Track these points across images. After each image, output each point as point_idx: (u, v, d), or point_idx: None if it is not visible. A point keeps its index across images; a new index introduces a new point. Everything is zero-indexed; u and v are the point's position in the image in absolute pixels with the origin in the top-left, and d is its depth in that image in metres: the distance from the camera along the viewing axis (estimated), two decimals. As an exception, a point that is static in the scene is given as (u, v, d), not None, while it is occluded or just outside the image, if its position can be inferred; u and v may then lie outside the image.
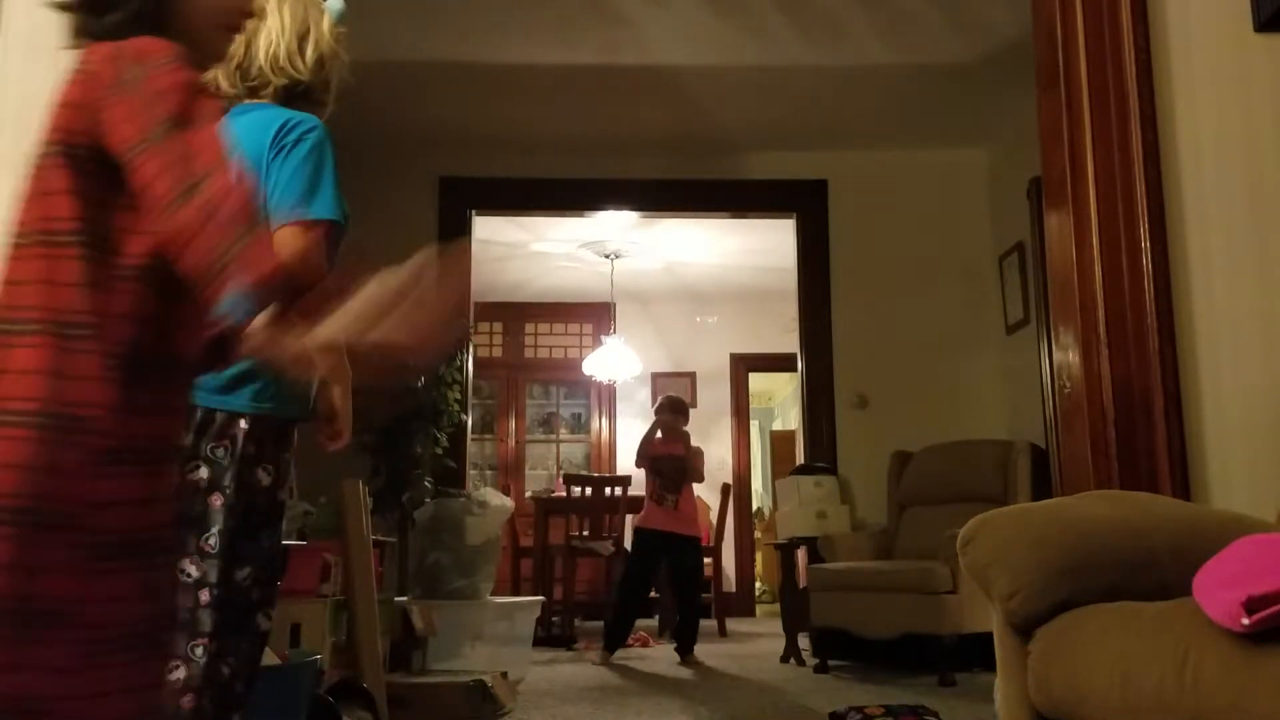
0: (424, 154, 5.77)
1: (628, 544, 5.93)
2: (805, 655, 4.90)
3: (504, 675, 3.78)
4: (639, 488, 5.67)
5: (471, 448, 6.52)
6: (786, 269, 6.24)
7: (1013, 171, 5.29)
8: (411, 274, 1.00)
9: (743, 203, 6.10)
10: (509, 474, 9.30)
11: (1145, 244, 2.25)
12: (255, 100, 1.87)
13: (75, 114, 1.15)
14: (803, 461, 5.69)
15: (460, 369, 5.55)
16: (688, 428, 5.65)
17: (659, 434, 5.53)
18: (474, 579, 4.34)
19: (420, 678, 3.67)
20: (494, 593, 4.55)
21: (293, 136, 1.78)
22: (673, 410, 5.60)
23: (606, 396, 9.39)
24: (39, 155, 1.17)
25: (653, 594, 6.24)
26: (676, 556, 5.34)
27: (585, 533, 6.27)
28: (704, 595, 7.15)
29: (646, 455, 5.50)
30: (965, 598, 4.04)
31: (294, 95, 1.88)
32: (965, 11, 4.42)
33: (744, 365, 9.14)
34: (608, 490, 6.32)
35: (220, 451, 1.75)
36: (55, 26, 2.41)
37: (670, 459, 5.42)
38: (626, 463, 9.10)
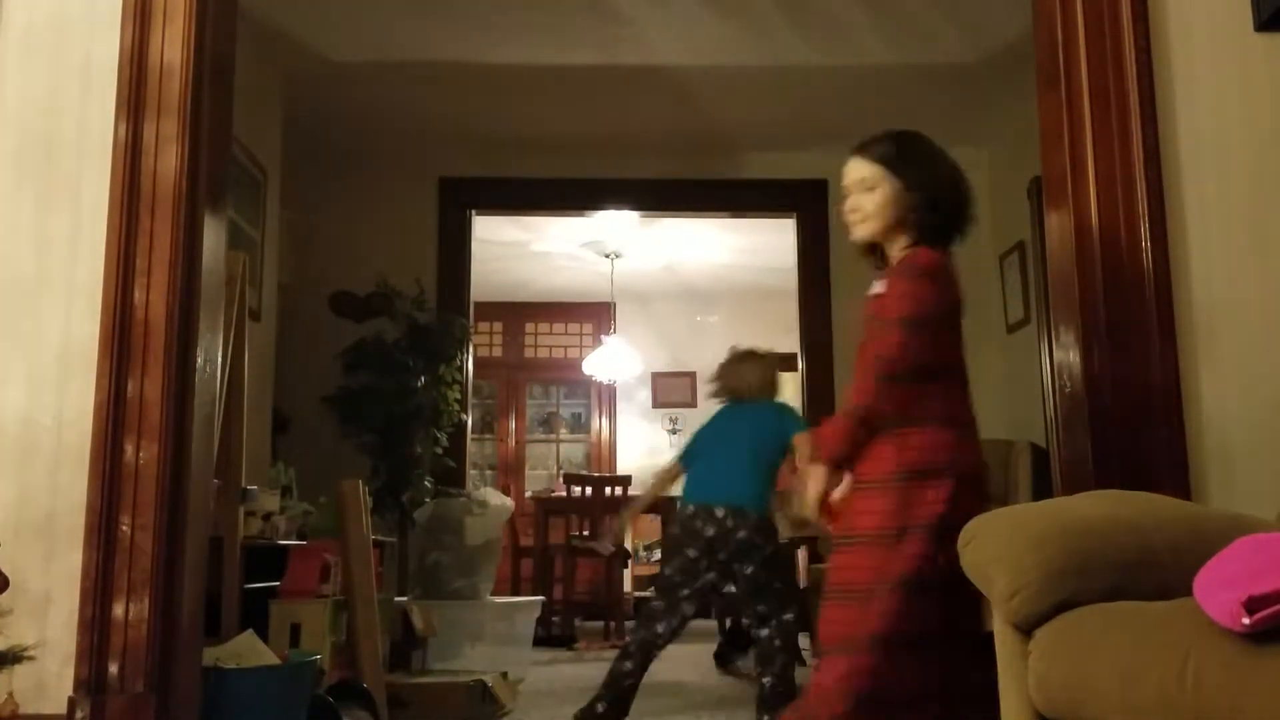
0: (424, 154, 5.77)
1: (627, 544, 5.91)
2: (805, 655, 4.90)
3: (504, 675, 3.78)
4: (639, 487, 5.62)
5: (471, 447, 6.52)
6: (786, 269, 6.24)
7: (1013, 171, 5.29)
8: None
9: (743, 203, 6.10)
10: (509, 474, 9.30)
11: (1146, 243, 2.25)
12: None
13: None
14: (803, 461, 5.68)
15: (460, 369, 5.55)
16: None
17: None
18: (474, 579, 4.34)
19: (420, 678, 3.67)
20: (494, 593, 4.55)
21: None
22: None
23: (606, 396, 9.39)
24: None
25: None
26: None
27: (585, 533, 6.26)
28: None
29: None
30: (965, 598, 4.02)
31: None
32: (966, 12, 4.42)
33: (744, 365, 9.15)
34: (608, 490, 6.31)
35: None
36: (55, 26, 2.42)
37: None
38: (626, 462, 9.11)
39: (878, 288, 2.21)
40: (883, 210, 2.20)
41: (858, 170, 2.24)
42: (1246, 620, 1.17)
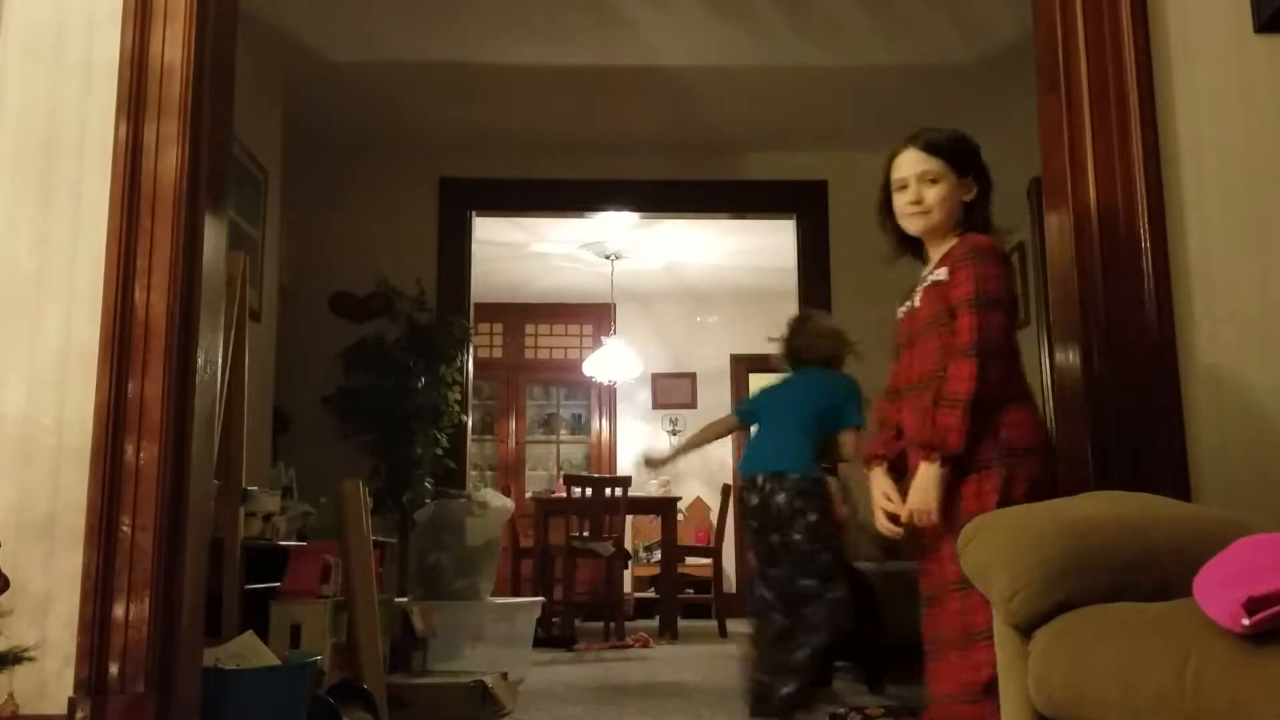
0: (424, 154, 5.77)
1: (628, 544, 5.90)
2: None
3: (504, 676, 3.77)
4: (639, 488, 5.62)
5: (472, 448, 6.52)
6: (786, 269, 6.24)
7: (1013, 171, 5.28)
8: None
9: (743, 203, 6.10)
10: (509, 474, 9.30)
11: (1145, 244, 2.25)
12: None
13: None
14: (803, 462, 5.68)
15: (460, 370, 5.55)
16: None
17: None
18: (474, 579, 4.33)
19: (420, 678, 3.67)
20: (494, 593, 4.55)
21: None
22: None
23: (607, 397, 9.39)
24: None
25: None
26: None
27: (585, 533, 6.26)
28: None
29: None
30: (966, 598, 4.01)
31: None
32: (965, 12, 4.42)
33: (744, 365, 9.13)
34: (608, 491, 6.32)
35: None
36: (55, 27, 2.42)
37: None
38: (626, 463, 9.11)
39: (938, 275, 2.19)
40: (945, 203, 2.25)
41: (920, 163, 2.26)
42: (1246, 621, 1.17)
